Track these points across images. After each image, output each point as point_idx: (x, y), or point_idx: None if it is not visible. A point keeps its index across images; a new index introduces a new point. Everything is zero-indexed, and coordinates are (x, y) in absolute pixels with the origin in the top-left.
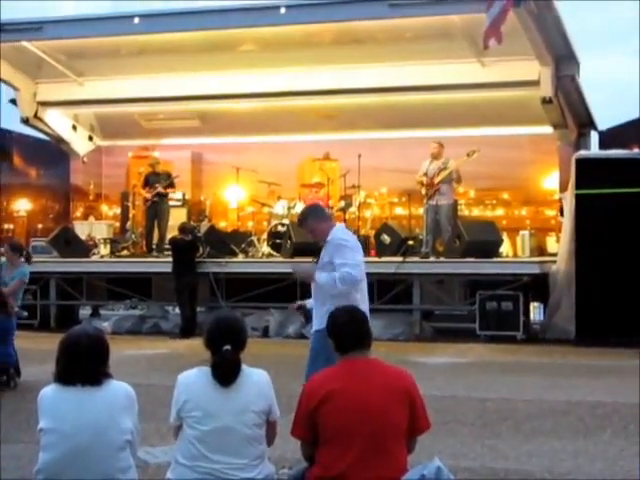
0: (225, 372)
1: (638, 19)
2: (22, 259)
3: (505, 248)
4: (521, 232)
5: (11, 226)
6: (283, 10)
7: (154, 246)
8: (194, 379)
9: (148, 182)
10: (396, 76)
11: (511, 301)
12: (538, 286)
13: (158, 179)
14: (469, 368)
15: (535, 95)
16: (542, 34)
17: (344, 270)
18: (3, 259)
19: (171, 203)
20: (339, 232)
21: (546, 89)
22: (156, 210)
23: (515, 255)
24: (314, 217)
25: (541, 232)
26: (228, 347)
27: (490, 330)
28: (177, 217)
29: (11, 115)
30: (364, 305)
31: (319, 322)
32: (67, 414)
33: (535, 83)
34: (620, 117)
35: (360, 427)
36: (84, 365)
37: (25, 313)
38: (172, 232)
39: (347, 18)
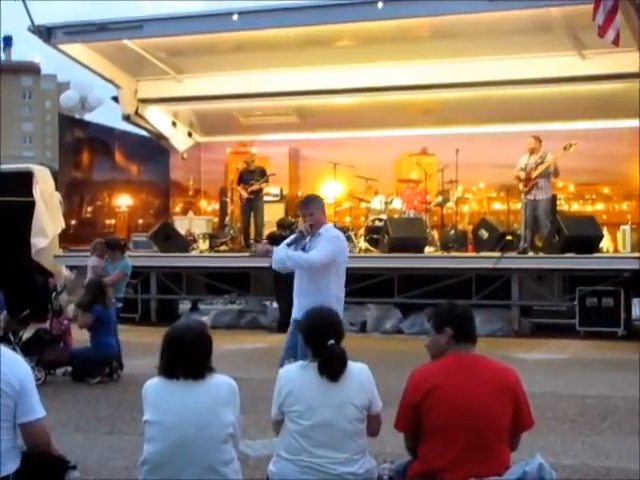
0: (335, 367)
1: None
2: (121, 253)
3: (605, 243)
4: (622, 227)
5: (113, 221)
6: (380, 5)
7: (251, 241)
8: (296, 374)
9: (242, 179)
10: (495, 70)
11: (612, 297)
12: (639, 282)
13: (252, 176)
14: (569, 364)
15: (636, 87)
16: None
17: (312, 252)
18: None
19: (269, 198)
20: (333, 230)
21: None
22: (251, 207)
23: (616, 250)
24: (318, 205)
25: None
26: (332, 341)
27: (590, 326)
28: (274, 212)
29: (113, 112)
30: (341, 294)
31: (299, 313)
32: (171, 407)
33: (636, 75)
34: None
35: (463, 423)
36: (188, 359)
37: (120, 304)
38: (268, 227)
39: (445, 12)
